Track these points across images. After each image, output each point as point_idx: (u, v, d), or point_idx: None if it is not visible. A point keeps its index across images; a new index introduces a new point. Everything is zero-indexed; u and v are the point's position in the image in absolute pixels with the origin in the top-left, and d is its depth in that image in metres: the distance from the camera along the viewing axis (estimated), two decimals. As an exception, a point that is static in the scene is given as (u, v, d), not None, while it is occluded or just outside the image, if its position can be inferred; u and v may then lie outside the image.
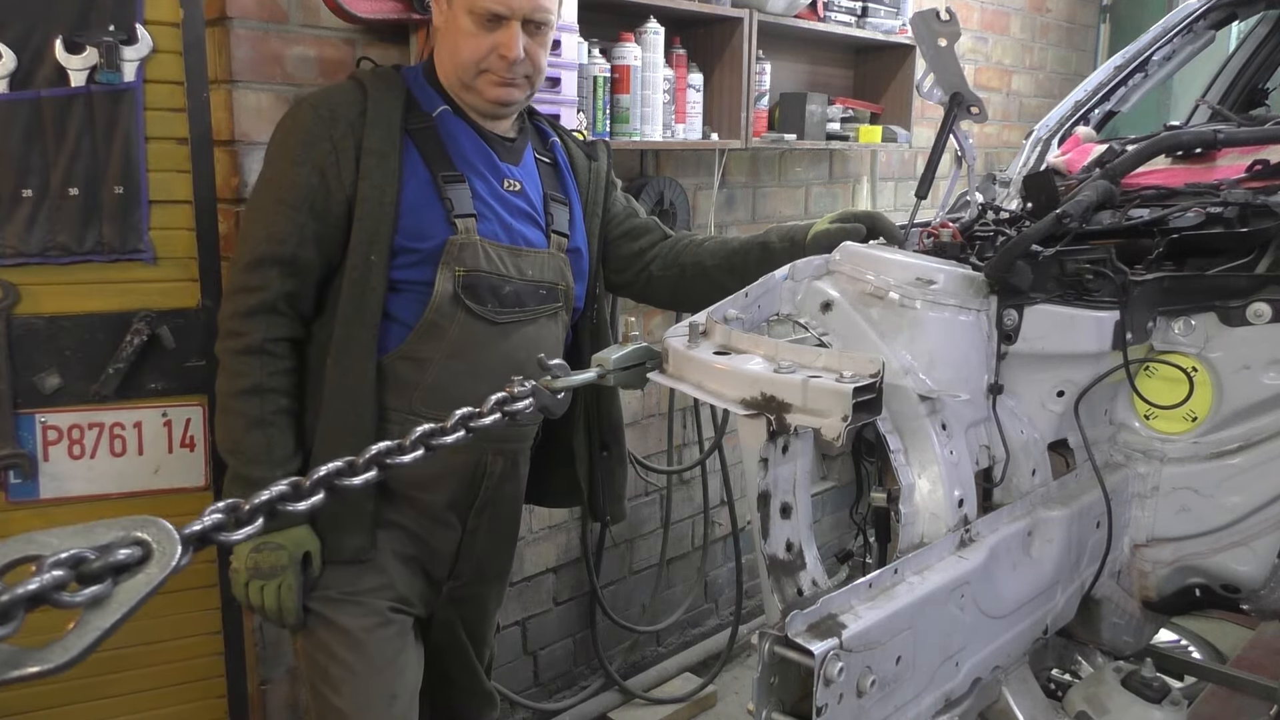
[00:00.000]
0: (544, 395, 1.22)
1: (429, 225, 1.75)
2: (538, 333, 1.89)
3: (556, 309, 1.93)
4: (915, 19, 1.93)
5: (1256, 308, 1.59)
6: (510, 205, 1.85)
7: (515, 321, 1.85)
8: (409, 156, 1.77)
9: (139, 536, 0.76)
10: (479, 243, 1.78)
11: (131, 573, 0.74)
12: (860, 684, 1.20)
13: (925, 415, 1.48)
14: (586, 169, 2.04)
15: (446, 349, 1.78)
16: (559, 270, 1.92)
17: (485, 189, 1.82)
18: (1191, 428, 1.70)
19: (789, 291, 1.65)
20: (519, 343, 1.84)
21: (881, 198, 4.03)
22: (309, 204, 1.71)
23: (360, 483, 0.99)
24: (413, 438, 1.05)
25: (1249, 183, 1.79)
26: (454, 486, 1.87)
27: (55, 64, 1.90)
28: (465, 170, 1.80)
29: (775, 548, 1.25)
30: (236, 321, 1.72)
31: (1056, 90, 4.76)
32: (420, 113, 1.81)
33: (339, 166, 1.72)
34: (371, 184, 1.72)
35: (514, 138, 1.92)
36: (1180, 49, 2.55)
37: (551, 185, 1.95)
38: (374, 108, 1.76)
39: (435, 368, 1.78)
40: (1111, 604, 1.79)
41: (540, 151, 1.98)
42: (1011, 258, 1.55)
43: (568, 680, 3.20)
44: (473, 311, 1.78)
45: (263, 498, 0.90)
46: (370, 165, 1.72)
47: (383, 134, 1.74)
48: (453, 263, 1.76)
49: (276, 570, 1.71)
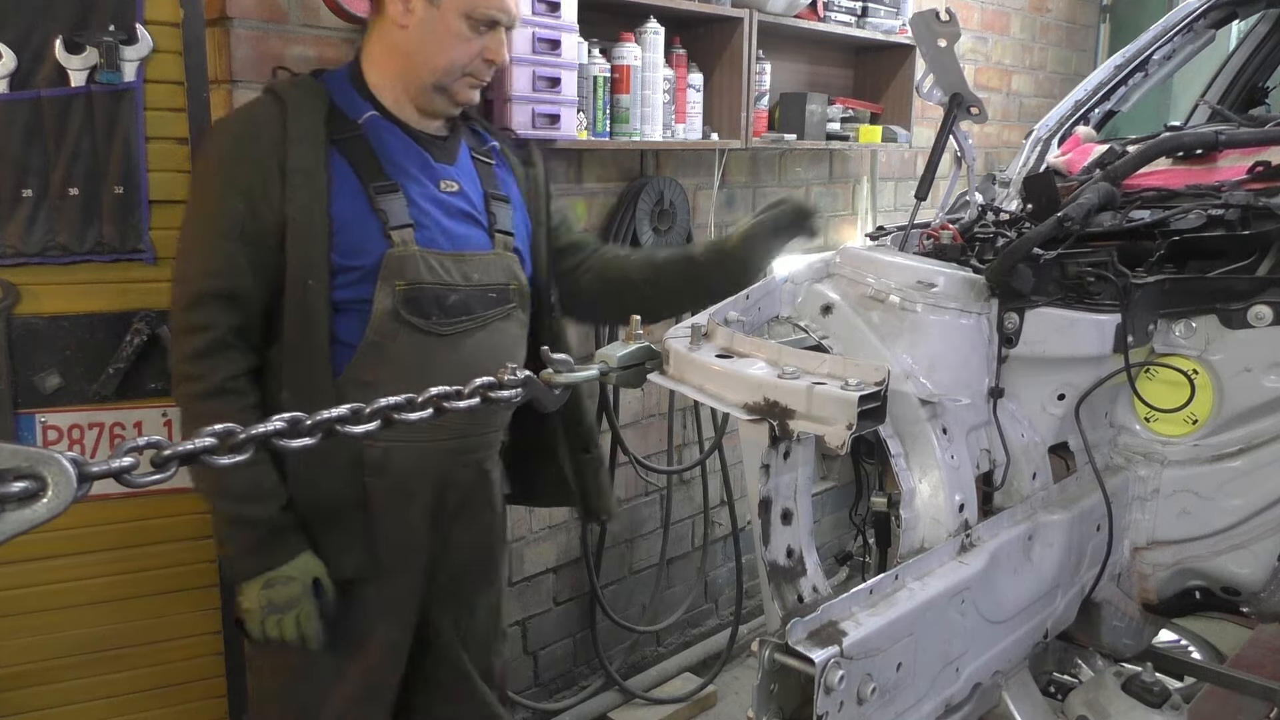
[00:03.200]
0: (537, 387, 1.20)
1: (364, 240, 1.67)
2: (491, 338, 1.80)
3: (510, 310, 1.84)
4: (915, 19, 1.92)
5: (1257, 310, 1.59)
6: (449, 208, 1.77)
7: (464, 331, 1.76)
8: (337, 169, 1.67)
9: (38, 471, 0.76)
10: (419, 253, 1.70)
11: (20, 505, 0.75)
12: (861, 691, 1.20)
13: (926, 419, 1.48)
14: (524, 176, 1.96)
15: (394, 369, 1.69)
16: (508, 270, 1.84)
17: (421, 194, 1.74)
18: (1192, 430, 1.70)
19: (789, 294, 1.65)
20: (472, 352, 1.76)
21: (881, 198, 4.02)
22: (239, 231, 1.63)
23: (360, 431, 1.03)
24: (427, 396, 1.09)
25: (1250, 184, 1.79)
26: (420, 498, 1.79)
27: (55, 64, 1.89)
28: (398, 177, 1.72)
29: (776, 554, 1.24)
30: (190, 365, 1.65)
31: (1056, 90, 4.75)
32: (346, 121, 1.72)
33: (265, 188, 1.63)
34: (298, 205, 1.63)
35: (446, 136, 1.85)
36: (1180, 48, 2.55)
37: (491, 184, 1.87)
38: (294, 122, 1.67)
39: (385, 389, 1.63)
40: (1112, 607, 1.79)
41: (478, 152, 1.90)
42: (1013, 261, 1.55)
43: (568, 680, 3.20)
44: (416, 326, 1.70)
45: (183, 448, 0.90)
46: (296, 185, 1.63)
47: (306, 149, 1.65)
48: (392, 277, 1.67)
49: (292, 602, 1.65)
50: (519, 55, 2.31)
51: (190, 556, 2.15)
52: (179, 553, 2.14)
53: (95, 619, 2.09)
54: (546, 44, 2.37)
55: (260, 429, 0.93)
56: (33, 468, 0.76)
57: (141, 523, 2.09)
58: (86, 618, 2.08)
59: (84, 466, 0.79)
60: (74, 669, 2.08)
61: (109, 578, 2.09)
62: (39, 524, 0.75)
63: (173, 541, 2.13)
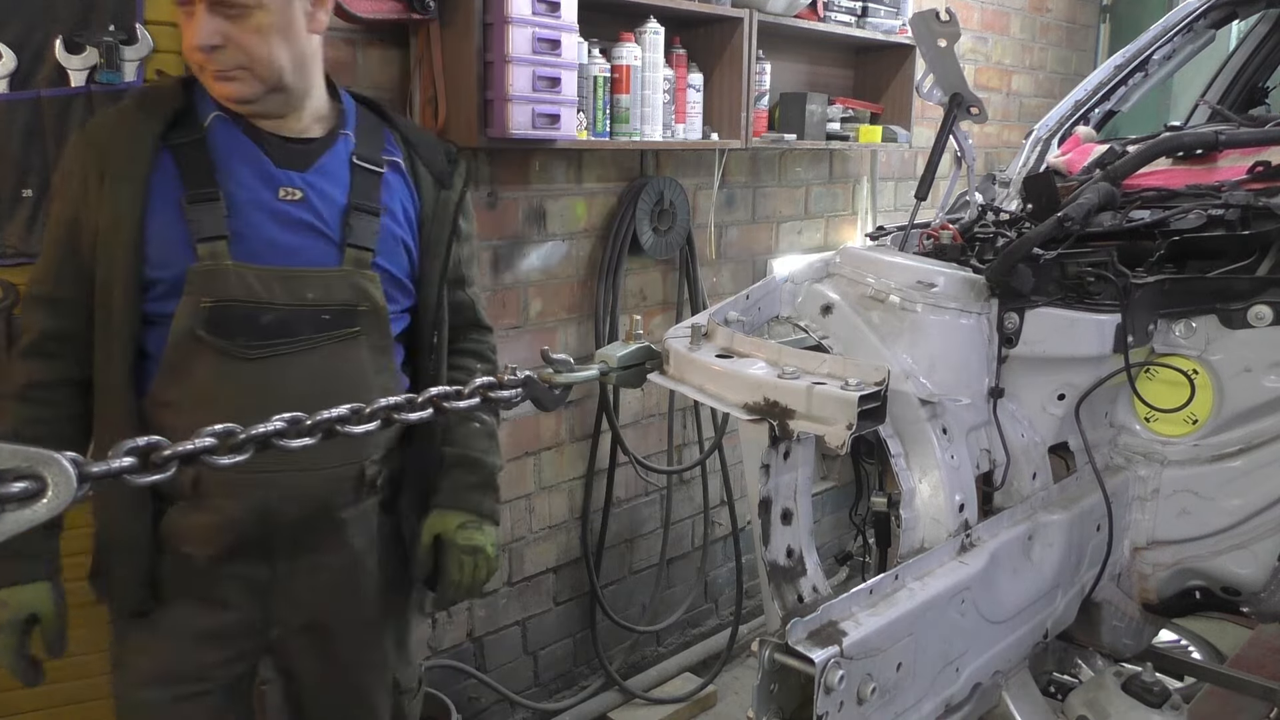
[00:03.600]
0: (537, 387, 1.19)
1: (170, 252, 1.54)
2: (324, 364, 1.61)
3: (354, 334, 1.64)
4: (915, 19, 1.93)
5: (1257, 310, 1.59)
6: (285, 218, 1.60)
7: (281, 355, 1.58)
8: (161, 176, 1.56)
9: (38, 472, 0.76)
10: (231, 268, 1.55)
11: (20, 505, 0.75)
12: (861, 691, 1.20)
13: (926, 419, 1.48)
14: (434, 199, 1.77)
15: (192, 391, 1.56)
16: (357, 289, 1.64)
17: (250, 201, 1.58)
18: (1192, 430, 1.71)
19: (789, 294, 1.65)
20: (294, 377, 1.59)
21: (881, 198, 4.02)
22: (68, 240, 1.58)
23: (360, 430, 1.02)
24: (426, 396, 1.07)
25: (1250, 184, 1.79)
26: (235, 538, 1.62)
27: (55, 64, 1.90)
28: (226, 183, 1.58)
29: (776, 554, 1.25)
30: (11, 364, 1.62)
31: (1056, 90, 4.75)
32: (193, 124, 1.60)
33: (86, 196, 1.56)
34: (106, 214, 1.54)
35: (312, 139, 1.66)
36: (1180, 48, 2.55)
37: (363, 195, 1.67)
38: (119, 129, 1.58)
39: (186, 413, 1.54)
40: (1112, 607, 1.79)
41: (366, 159, 1.69)
42: (1013, 261, 1.55)
43: (568, 680, 3.20)
44: (216, 347, 1.55)
45: (181, 449, 0.89)
46: (110, 193, 1.54)
47: (124, 156, 1.55)
48: (197, 293, 1.54)
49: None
50: (519, 55, 2.31)
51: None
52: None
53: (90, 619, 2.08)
54: (546, 44, 2.37)
55: (260, 429, 0.93)
56: (33, 468, 0.76)
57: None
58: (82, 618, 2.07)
59: (84, 467, 0.79)
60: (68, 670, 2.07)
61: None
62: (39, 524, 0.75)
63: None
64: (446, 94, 2.36)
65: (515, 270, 2.77)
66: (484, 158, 2.62)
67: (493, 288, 2.71)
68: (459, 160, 1.85)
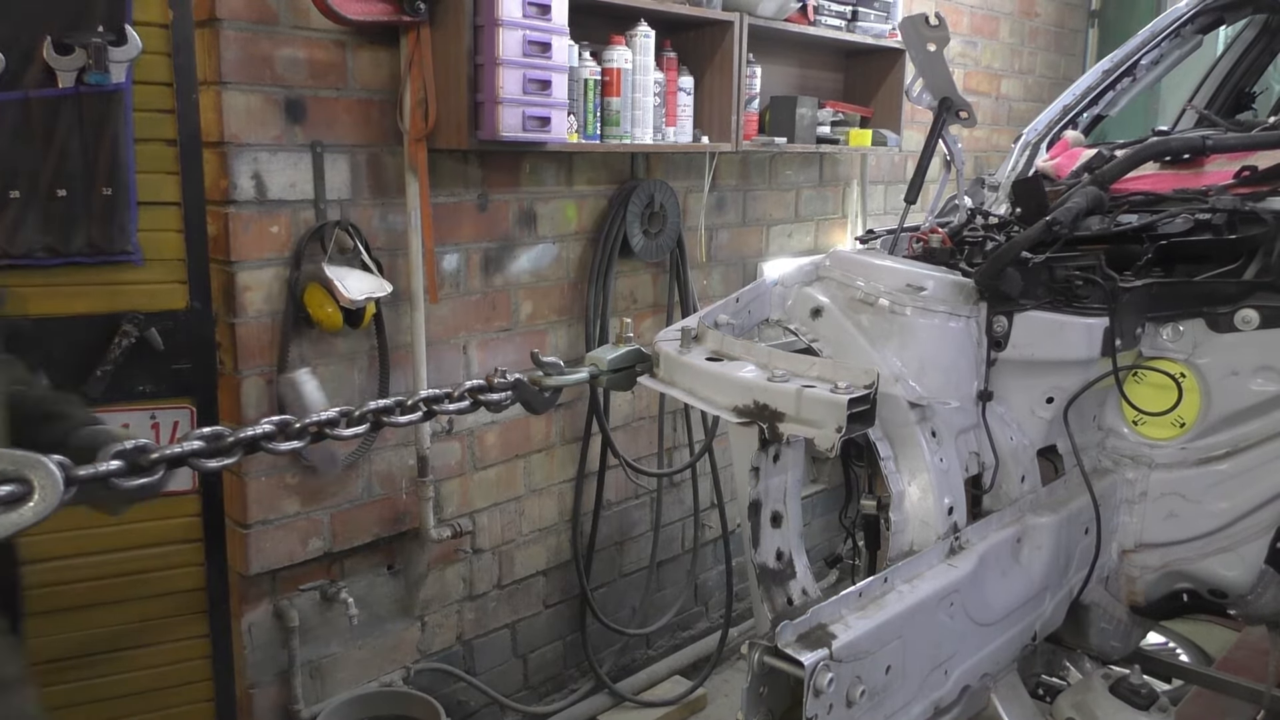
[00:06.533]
0: (527, 390, 1.19)
1: None
2: None
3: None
4: (905, 23, 1.93)
5: (1244, 314, 1.60)
6: None
7: None
8: None
9: (24, 475, 0.76)
10: None
11: (6, 509, 0.75)
12: (850, 694, 1.20)
13: (915, 422, 1.48)
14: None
15: None
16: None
17: None
18: (1179, 433, 1.71)
19: (779, 297, 1.65)
20: None
21: (871, 201, 4.04)
22: None
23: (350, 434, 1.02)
24: (415, 399, 1.08)
25: (1237, 189, 1.80)
26: None
27: (44, 65, 1.88)
28: None
29: (766, 556, 1.25)
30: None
31: (1045, 94, 4.77)
32: None
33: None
34: None
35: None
36: (1168, 53, 2.56)
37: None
38: None
39: None
40: (1100, 609, 1.80)
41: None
42: (1002, 265, 1.56)
43: (558, 683, 3.19)
44: None
45: (169, 452, 0.89)
46: None
47: None
48: None
49: None
50: (509, 58, 2.31)
51: (178, 560, 2.15)
52: (166, 556, 2.13)
53: (82, 623, 2.08)
54: (537, 47, 2.37)
55: (249, 432, 0.93)
56: (19, 471, 0.75)
57: (128, 526, 2.08)
58: (74, 621, 2.06)
59: (70, 470, 0.79)
60: (62, 672, 2.07)
61: (95, 581, 2.07)
62: (25, 528, 0.75)
63: (160, 545, 2.12)
64: (437, 96, 2.36)
65: (505, 273, 2.77)
66: (474, 160, 2.62)
67: (483, 290, 2.71)
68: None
